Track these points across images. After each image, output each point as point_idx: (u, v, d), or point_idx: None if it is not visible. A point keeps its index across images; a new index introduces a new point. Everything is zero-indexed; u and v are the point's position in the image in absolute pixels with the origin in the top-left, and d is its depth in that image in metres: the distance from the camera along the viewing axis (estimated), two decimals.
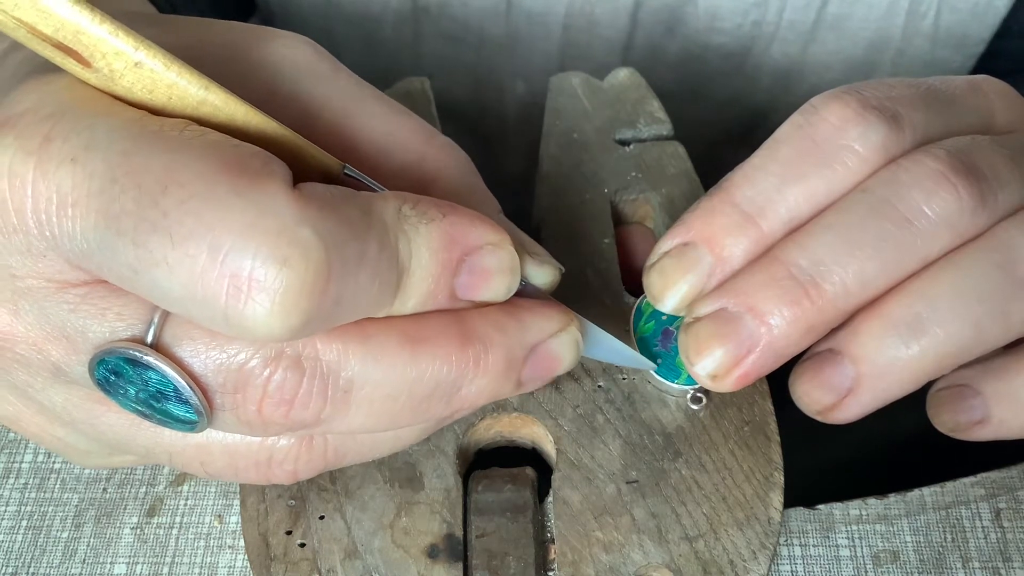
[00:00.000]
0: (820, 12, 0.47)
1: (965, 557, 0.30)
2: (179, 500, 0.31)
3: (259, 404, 0.22)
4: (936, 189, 0.25)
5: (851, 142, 0.25)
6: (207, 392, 0.22)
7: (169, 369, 0.21)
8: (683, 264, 0.27)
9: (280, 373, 0.22)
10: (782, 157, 0.26)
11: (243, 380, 0.22)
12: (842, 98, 0.26)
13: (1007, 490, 0.31)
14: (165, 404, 0.22)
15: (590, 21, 0.49)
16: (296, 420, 0.22)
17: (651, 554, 0.28)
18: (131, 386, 0.22)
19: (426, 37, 0.51)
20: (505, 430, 0.31)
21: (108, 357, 0.22)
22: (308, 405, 0.22)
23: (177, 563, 0.30)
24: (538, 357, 0.25)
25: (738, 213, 0.26)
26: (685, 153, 0.37)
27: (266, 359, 0.22)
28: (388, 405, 0.23)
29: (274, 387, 0.22)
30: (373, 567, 0.27)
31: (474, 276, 0.23)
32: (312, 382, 0.22)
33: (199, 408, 0.22)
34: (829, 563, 0.30)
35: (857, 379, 0.25)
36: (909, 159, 0.25)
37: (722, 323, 0.26)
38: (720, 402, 0.30)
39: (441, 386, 0.23)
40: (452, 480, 0.29)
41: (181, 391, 0.22)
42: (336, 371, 0.22)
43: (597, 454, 0.29)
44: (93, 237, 0.20)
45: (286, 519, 0.28)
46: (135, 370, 0.22)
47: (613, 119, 0.38)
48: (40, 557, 0.30)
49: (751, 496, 0.29)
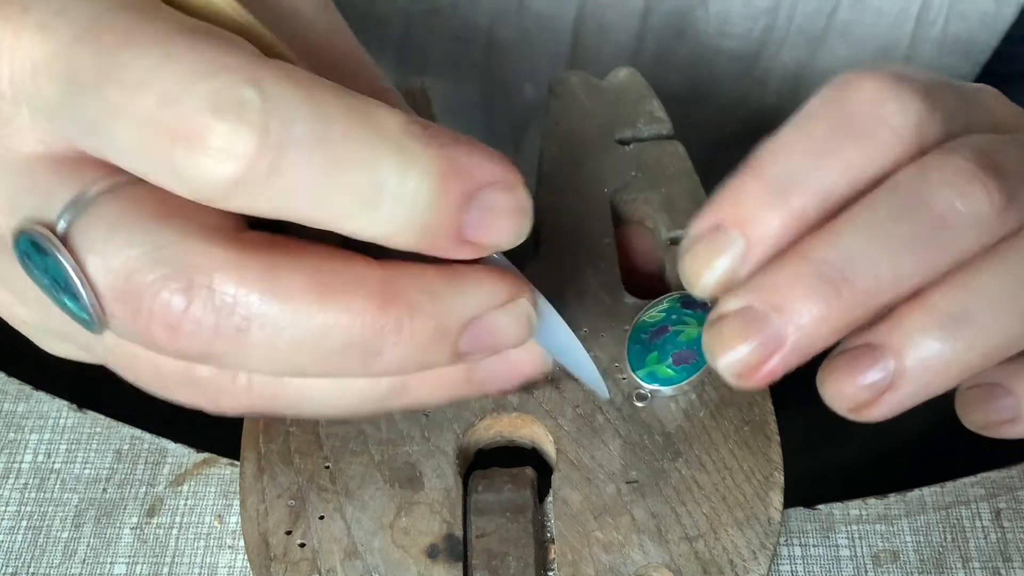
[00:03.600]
0: (830, 18, 0.47)
1: (965, 557, 0.30)
2: (179, 500, 0.31)
3: (146, 322, 0.22)
4: (967, 187, 0.24)
5: (888, 116, 0.25)
6: (99, 295, 0.22)
7: (64, 261, 0.21)
8: (715, 248, 0.26)
9: (167, 294, 0.21)
10: (815, 131, 0.25)
11: (131, 292, 0.21)
12: (876, 73, 0.25)
13: (1007, 490, 0.31)
14: (63, 296, 0.22)
15: (600, 24, 0.49)
16: (184, 349, 0.22)
17: (651, 554, 0.28)
18: (37, 270, 0.22)
19: (435, 37, 0.51)
20: (505, 430, 0.31)
21: (21, 236, 0.22)
22: (196, 335, 0.21)
23: (177, 563, 0.30)
24: (478, 330, 0.24)
25: (769, 191, 0.25)
26: (685, 153, 0.37)
27: (158, 277, 0.21)
28: (292, 353, 0.22)
29: (159, 307, 0.21)
30: (373, 567, 0.27)
31: (485, 214, 0.22)
32: (201, 311, 0.21)
33: (90, 310, 0.22)
34: (829, 563, 0.30)
35: (898, 374, 0.25)
36: (936, 157, 0.25)
37: (748, 321, 0.25)
38: (720, 402, 0.30)
39: (354, 345, 0.22)
40: (452, 480, 0.29)
41: (73, 287, 0.22)
42: (230, 306, 0.21)
43: (597, 454, 0.29)
44: (58, 97, 0.21)
45: (286, 519, 0.28)
46: (39, 255, 0.22)
47: (613, 119, 0.38)
48: (40, 557, 0.30)
49: (751, 496, 0.29)
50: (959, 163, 0.25)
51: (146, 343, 0.22)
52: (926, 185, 0.25)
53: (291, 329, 0.22)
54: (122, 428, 0.33)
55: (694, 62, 0.50)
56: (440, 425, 0.30)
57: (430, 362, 0.23)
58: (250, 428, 0.30)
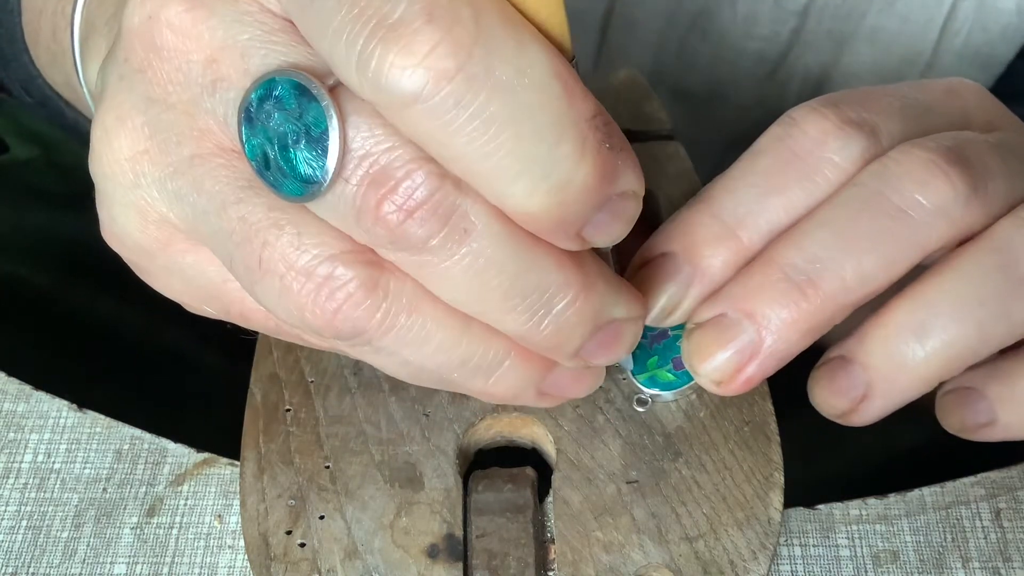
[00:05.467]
0: (858, 23, 0.48)
1: (965, 557, 0.30)
2: (179, 500, 0.31)
3: (381, 197, 0.21)
4: (929, 178, 0.25)
5: (831, 154, 0.26)
6: (346, 156, 0.21)
7: (333, 110, 0.21)
8: (662, 275, 0.27)
9: (422, 175, 0.21)
10: (762, 168, 0.26)
11: (386, 162, 0.21)
12: (820, 111, 0.26)
13: (1007, 490, 0.31)
14: (297, 151, 0.21)
15: (628, 21, 0.49)
16: (404, 234, 0.21)
17: (651, 554, 0.28)
18: (280, 115, 0.21)
19: None
20: (505, 430, 0.31)
21: (280, 77, 0.21)
22: (426, 222, 0.21)
23: (177, 563, 0.30)
24: (609, 332, 0.24)
25: (718, 224, 0.26)
26: (685, 153, 0.37)
27: (416, 158, 0.21)
28: (490, 274, 0.22)
29: (407, 185, 0.21)
30: (373, 567, 0.27)
31: (609, 217, 0.22)
32: (444, 201, 0.21)
33: (328, 168, 0.21)
34: (829, 563, 0.30)
35: (869, 385, 0.26)
36: (898, 151, 0.25)
37: (722, 329, 0.26)
38: (720, 402, 0.30)
39: (540, 292, 0.22)
40: (452, 480, 0.29)
41: (326, 139, 0.21)
42: (465, 210, 0.21)
43: (597, 454, 0.29)
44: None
45: (286, 519, 0.28)
46: (299, 100, 0.21)
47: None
48: (40, 557, 0.30)
49: (751, 496, 0.29)
50: (920, 154, 0.25)
51: (364, 218, 0.21)
52: (887, 179, 0.25)
53: (505, 253, 0.22)
54: (122, 428, 0.33)
55: (716, 61, 0.50)
56: (440, 425, 0.30)
57: (566, 345, 0.24)
58: (250, 428, 0.30)
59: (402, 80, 0.20)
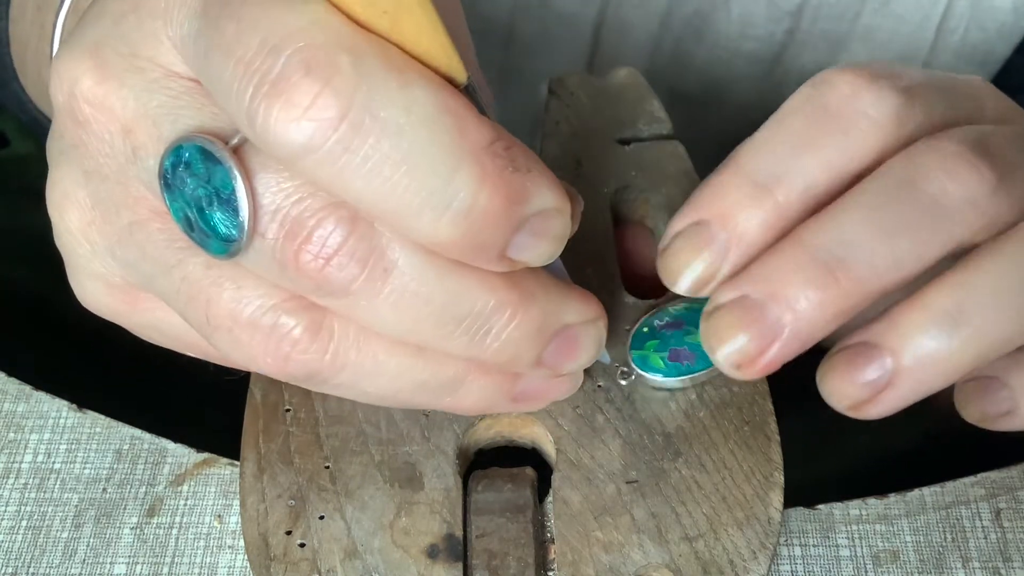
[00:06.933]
0: (853, 23, 0.47)
1: (965, 557, 0.30)
2: (179, 500, 0.31)
3: (298, 247, 0.22)
4: (958, 170, 0.24)
5: (865, 108, 0.25)
6: (257, 212, 0.22)
7: (237, 171, 0.22)
8: (696, 243, 0.26)
9: (332, 223, 0.22)
10: (794, 126, 0.25)
11: (296, 214, 0.22)
12: (852, 69, 0.25)
13: (1007, 490, 0.31)
14: (213, 212, 0.22)
15: (622, 24, 0.49)
16: (326, 280, 0.22)
17: (651, 554, 0.28)
18: (192, 180, 0.22)
19: None
20: (505, 430, 0.31)
21: (186, 144, 0.22)
22: (345, 267, 0.22)
23: (177, 563, 0.30)
24: (564, 339, 0.24)
25: (750, 185, 0.25)
26: (685, 153, 0.37)
27: (325, 205, 0.22)
28: (417, 306, 0.22)
29: (319, 234, 0.22)
30: (373, 567, 0.27)
31: (531, 238, 0.23)
32: (358, 244, 0.22)
33: (243, 224, 0.22)
34: (829, 563, 0.30)
35: (896, 373, 0.24)
36: (924, 143, 0.25)
37: (744, 311, 0.25)
38: (720, 402, 0.30)
39: (475, 316, 0.23)
40: (452, 480, 0.29)
41: (236, 199, 0.22)
42: (383, 249, 0.22)
43: (597, 454, 0.29)
44: (190, 24, 0.22)
45: (286, 519, 0.28)
46: (204, 164, 0.22)
47: (613, 119, 0.38)
48: (40, 557, 0.30)
49: (751, 496, 0.29)
50: (949, 147, 0.25)
51: (286, 267, 0.22)
52: (917, 169, 0.24)
53: (429, 285, 0.22)
54: (122, 428, 0.33)
55: (712, 63, 0.50)
56: (440, 425, 0.30)
57: (521, 360, 0.24)
58: (250, 428, 0.30)
59: (289, 133, 0.20)
